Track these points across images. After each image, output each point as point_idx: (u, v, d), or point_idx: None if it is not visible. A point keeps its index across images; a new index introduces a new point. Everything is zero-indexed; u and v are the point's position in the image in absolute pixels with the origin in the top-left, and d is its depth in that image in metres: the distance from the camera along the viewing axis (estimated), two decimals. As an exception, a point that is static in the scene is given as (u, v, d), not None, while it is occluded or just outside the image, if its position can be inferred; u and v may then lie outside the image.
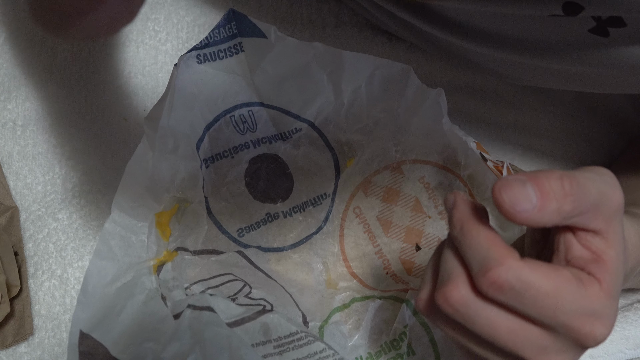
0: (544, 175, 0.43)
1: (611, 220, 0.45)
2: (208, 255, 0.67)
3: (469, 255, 0.44)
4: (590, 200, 0.44)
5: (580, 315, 0.44)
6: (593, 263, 0.45)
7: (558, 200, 0.43)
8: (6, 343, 0.68)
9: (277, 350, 0.58)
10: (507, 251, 0.43)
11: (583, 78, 0.58)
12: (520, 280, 0.42)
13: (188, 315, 0.58)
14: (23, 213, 0.72)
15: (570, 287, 0.43)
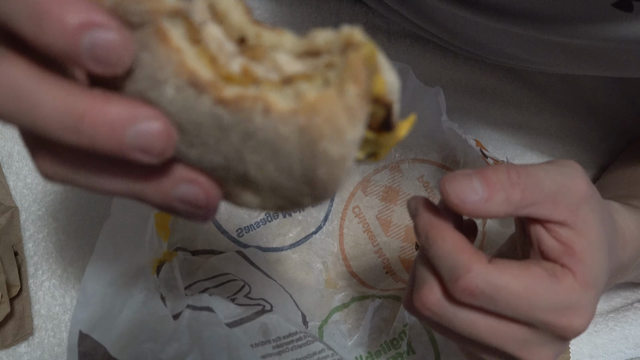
0: (491, 168, 0.44)
1: (577, 210, 0.46)
2: (207, 255, 0.67)
3: (437, 264, 0.44)
4: (544, 190, 0.45)
5: (555, 310, 0.44)
6: (565, 255, 0.45)
7: (506, 190, 0.43)
8: (6, 343, 0.68)
9: (276, 351, 0.58)
10: (473, 256, 0.43)
11: (601, 56, 0.57)
12: (489, 284, 0.43)
13: (187, 316, 0.58)
14: (23, 213, 0.72)
15: (542, 284, 0.44)
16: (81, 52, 0.28)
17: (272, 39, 0.29)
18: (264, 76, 0.28)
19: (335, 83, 0.27)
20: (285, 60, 0.29)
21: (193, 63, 0.28)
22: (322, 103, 0.27)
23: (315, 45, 0.29)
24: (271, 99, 0.27)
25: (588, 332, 0.69)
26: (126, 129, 0.29)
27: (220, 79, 0.28)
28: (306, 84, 0.28)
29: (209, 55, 0.28)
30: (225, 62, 0.28)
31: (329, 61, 0.28)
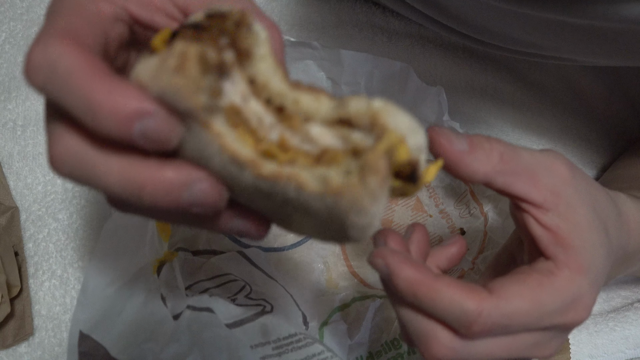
0: (473, 134, 0.45)
1: (559, 192, 0.46)
2: (208, 256, 0.67)
3: (440, 316, 0.44)
4: (522, 162, 0.45)
5: (561, 310, 0.45)
6: (555, 245, 0.46)
7: (485, 151, 0.44)
8: (6, 343, 0.68)
9: (275, 352, 0.58)
10: (477, 297, 0.43)
11: (615, 39, 0.56)
12: (502, 316, 0.43)
13: (187, 316, 0.58)
14: (23, 213, 0.72)
15: (545, 290, 0.44)
16: (134, 136, 0.32)
17: (308, 104, 0.34)
18: (298, 147, 0.33)
19: (359, 172, 0.31)
20: (318, 133, 0.33)
21: (233, 145, 0.32)
22: (347, 190, 0.31)
23: (348, 114, 0.33)
24: (302, 179, 0.32)
25: (588, 332, 0.69)
26: (181, 191, 0.33)
27: (259, 155, 0.33)
28: (333, 169, 0.32)
29: (249, 130, 0.33)
30: (264, 134, 0.33)
31: (356, 145, 0.32)
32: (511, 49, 0.69)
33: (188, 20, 0.34)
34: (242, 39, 0.33)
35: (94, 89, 0.32)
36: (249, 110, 0.33)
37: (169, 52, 0.32)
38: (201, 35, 0.32)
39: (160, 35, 0.35)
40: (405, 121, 0.33)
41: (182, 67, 0.31)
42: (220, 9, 0.33)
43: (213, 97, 0.32)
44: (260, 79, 0.34)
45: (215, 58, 0.32)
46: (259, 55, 0.34)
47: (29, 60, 0.33)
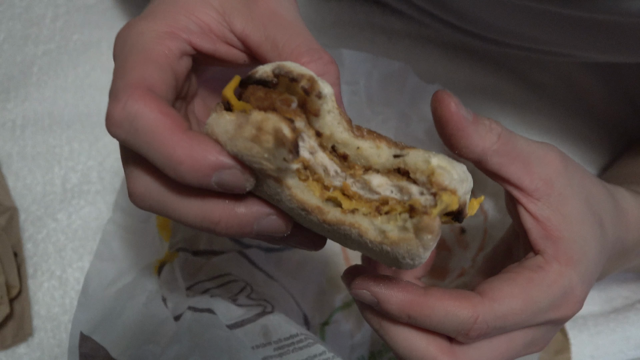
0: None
1: (551, 183, 0.46)
2: (209, 256, 0.67)
3: (436, 329, 0.45)
4: (517, 146, 0.46)
5: (554, 305, 0.46)
6: (545, 239, 0.46)
7: (486, 127, 0.45)
8: (5, 344, 0.68)
9: (277, 353, 0.57)
10: (470, 303, 0.44)
11: (617, 32, 0.56)
12: (497, 318, 0.44)
13: (188, 317, 0.58)
14: (22, 213, 0.72)
15: (535, 287, 0.45)
16: (211, 185, 0.37)
17: (369, 152, 0.38)
18: (360, 194, 0.38)
19: (415, 229, 0.36)
20: (377, 183, 0.38)
21: (301, 195, 0.37)
22: (403, 242, 0.36)
23: (406, 167, 0.37)
24: (363, 228, 0.37)
25: (589, 333, 0.69)
26: (252, 224, 0.39)
27: (324, 202, 0.38)
28: (391, 223, 0.37)
29: (316, 178, 0.38)
30: (329, 182, 0.38)
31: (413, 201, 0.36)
32: (510, 44, 0.69)
33: (257, 73, 0.38)
34: (311, 103, 0.37)
35: (174, 146, 0.36)
36: (316, 162, 0.38)
37: (245, 118, 0.35)
38: (271, 96, 0.37)
39: (230, 84, 0.38)
40: (458, 172, 0.37)
41: (258, 139, 0.35)
42: (289, 72, 0.37)
43: (285, 162, 0.35)
44: (326, 131, 0.38)
45: (289, 134, 0.35)
46: (326, 110, 0.38)
47: (110, 117, 0.37)
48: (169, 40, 0.41)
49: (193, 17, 0.42)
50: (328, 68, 0.42)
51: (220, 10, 0.43)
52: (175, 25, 0.41)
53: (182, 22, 0.42)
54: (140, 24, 0.41)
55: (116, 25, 0.80)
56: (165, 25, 0.41)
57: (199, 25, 0.42)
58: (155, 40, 0.40)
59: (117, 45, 0.42)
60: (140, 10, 0.80)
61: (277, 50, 0.41)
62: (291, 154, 0.35)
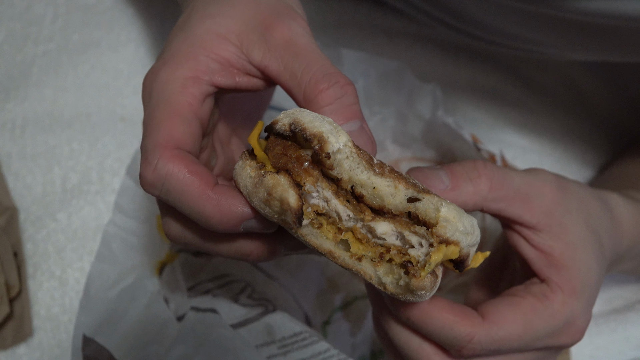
0: (459, 162, 0.47)
1: (551, 213, 0.47)
2: (209, 256, 0.67)
3: (433, 337, 0.46)
4: (514, 186, 0.46)
5: (555, 333, 0.46)
6: (548, 267, 0.47)
7: (473, 180, 0.46)
8: (5, 344, 0.67)
9: (281, 351, 0.58)
10: (469, 323, 0.45)
11: (610, 35, 0.57)
12: (493, 341, 0.45)
13: (191, 318, 0.58)
14: (22, 214, 0.72)
15: (538, 315, 0.46)
16: (240, 231, 0.41)
17: (385, 191, 0.40)
18: (367, 237, 0.41)
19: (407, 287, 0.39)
20: (382, 230, 0.41)
21: (315, 241, 0.41)
22: (400, 295, 0.40)
23: (417, 211, 0.40)
24: (367, 276, 0.41)
25: (589, 333, 0.69)
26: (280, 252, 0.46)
27: (337, 244, 0.41)
28: (390, 277, 0.40)
29: (331, 221, 0.41)
30: (342, 225, 0.41)
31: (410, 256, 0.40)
32: (510, 45, 0.69)
33: (276, 125, 0.41)
34: (323, 160, 0.40)
35: (204, 203, 0.40)
36: (330, 208, 0.41)
37: (261, 179, 0.40)
38: (288, 153, 0.41)
39: (254, 132, 0.43)
40: (465, 225, 0.39)
41: (268, 203, 0.39)
42: (303, 130, 0.40)
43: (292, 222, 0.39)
44: (344, 176, 0.41)
45: (294, 204, 0.39)
46: (341, 159, 0.40)
47: (143, 178, 0.41)
48: (192, 86, 0.43)
49: (213, 55, 0.44)
50: (345, 90, 0.43)
51: (238, 45, 0.45)
52: (198, 68, 0.44)
53: (204, 62, 0.44)
54: (163, 71, 0.44)
55: (116, 25, 0.80)
56: (187, 70, 0.43)
57: (219, 62, 0.44)
58: (180, 90, 0.43)
59: (144, 93, 0.45)
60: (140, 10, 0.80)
61: (296, 79, 0.44)
62: (294, 224, 0.39)
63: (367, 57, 0.73)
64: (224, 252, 0.44)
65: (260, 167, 0.41)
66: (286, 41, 0.44)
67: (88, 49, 0.79)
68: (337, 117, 0.42)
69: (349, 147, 0.40)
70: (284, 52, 0.44)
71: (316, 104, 0.43)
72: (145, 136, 0.42)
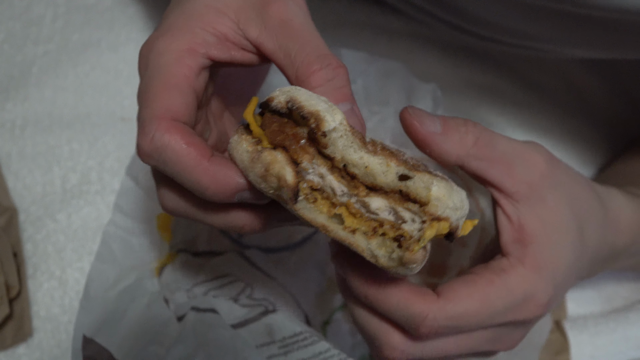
0: (452, 117, 0.47)
1: (534, 185, 0.47)
2: (209, 257, 0.67)
3: (390, 317, 0.46)
4: (498, 149, 0.47)
5: (514, 307, 0.46)
6: (514, 242, 0.47)
7: (460, 133, 0.46)
8: (5, 344, 0.67)
9: (281, 351, 0.58)
10: (423, 301, 0.45)
11: (613, 29, 0.57)
12: (449, 317, 0.45)
13: (191, 318, 0.58)
14: (22, 214, 0.72)
15: (495, 290, 0.46)
16: (234, 201, 0.42)
17: (377, 170, 0.41)
18: (361, 212, 0.41)
19: (400, 260, 0.40)
20: (376, 205, 0.41)
21: (308, 215, 0.41)
22: (391, 268, 0.40)
23: (407, 190, 0.41)
24: (360, 248, 0.41)
25: (589, 333, 0.69)
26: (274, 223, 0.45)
27: (330, 218, 0.41)
28: (383, 249, 0.41)
29: (323, 197, 0.41)
30: (335, 200, 0.41)
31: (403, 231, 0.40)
32: (508, 42, 0.69)
33: (272, 101, 0.42)
34: (319, 139, 0.41)
35: (200, 174, 0.41)
36: (325, 184, 0.42)
37: (258, 154, 0.41)
38: (284, 130, 0.41)
39: (249, 107, 0.44)
40: (454, 201, 0.40)
41: (265, 178, 0.40)
42: (300, 108, 0.41)
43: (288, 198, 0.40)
44: (337, 155, 0.41)
45: (291, 181, 0.40)
46: (336, 137, 0.41)
47: (140, 149, 0.42)
48: (188, 58, 0.43)
49: (210, 29, 0.45)
50: (337, 72, 0.44)
51: (235, 20, 0.45)
52: (194, 41, 0.44)
53: (200, 35, 0.44)
54: (160, 42, 0.44)
55: (116, 25, 0.80)
56: (184, 42, 0.44)
57: (215, 35, 0.45)
58: (176, 62, 0.43)
59: (140, 64, 0.46)
60: (140, 10, 0.80)
61: (290, 59, 0.44)
62: (290, 200, 0.40)
63: (367, 56, 0.73)
64: (218, 223, 0.44)
65: (256, 143, 0.42)
66: (282, 20, 0.44)
67: (88, 49, 0.79)
68: (328, 99, 0.42)
69: (344, 126, 0.41)
70: (279, 31, 0.44)
71: (308, 85, 0.43)
72: (142, 107, 0.43)
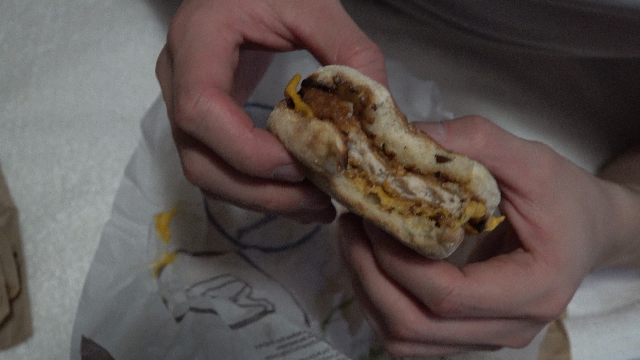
0: (458, 118, 0.47)
1: (546, 184, 0.47)
2: (208, 257, 0.67)
3: (413, 288, 0.45)
4: (511, 148, 0.46)
5: (533, 301, 0.46)
6: (534, 238, 0.47)
7: (469, 135, 0.45)
8: (5, 344, 0.67)
9: (280, 351, 0.58)
10: (450, 275, 0.44)
11: (614, 28, 0.57)
12: (472, 297, 0.44)
13: (190, 318, 0.58)
14: (22, 214, 0.72)
15: (518, 280, 0.45)
16: (269, 176, 0.42)
17: (415, 152, 0.41)
18: (397, 191, 0.42)
19: (438, 238, 0.40)
20: (414, 185, 0.42)
21: (345, 192, 0.42)
22: (427, 247, 0.41)
23: (447, 172, 0.41)
24: (395, 228, 0.41)
25: (589, 333, 0.69)
26: (300, 202, 0.45)
27: (366, 197, 0.42)
28: (420, 228, 0.41)
29: (361, 175, 0.42)
30: (373, 179, 0.42)
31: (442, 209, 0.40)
32: (508, 40, 0.69)
33: (318, 77, 0.42)
34: (367, 113, 0.41)
35: (243, 143, 0.41)
36: (364, 161, 0.42)
37: (304, 124, 0.40)
38: (330, 104, 0.41)
39: (292, 83, 0.43)
40: (492, 186, 0.41)
41: (313, 146, 0.40)
42: (348, 82, 0.41)
43: (334, 170, 0.40)
44: (379, 133, 0.42)
45: (341, 149, 0.39)
46: (381, 114, 0.41)
47: (182, 112, 0.41)
48: (226, 32, 0.44)
49: (246, 9, 0.45)
50: (377, 56, 0.44)
51: (271, 2, 0.45)
52: (231, 16, 0.44)
53: (236, 13, 0.44)
54: (198, 12, 0.44)
55: (116, 25, 0.80)
56: (222, 16, 0.44)
57: (251, 16, 0.45)
58: (216, 33, 0.43)
59: (175, 34, 0.44)
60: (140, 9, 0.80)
61: (330, 41, 0.44)
62: (339, 166, 0.39)
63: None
64: (244, 196, 0.44)
65: (301, 115, 0.41)
66: (321, 5, 0.45)
67: (88, 49, 0.79)
68: None
69: (390, 103, 0.41)
70: (318, 14, 0.45)
71: (350, 65, 0.43)
72: (184, 73, 0.42)
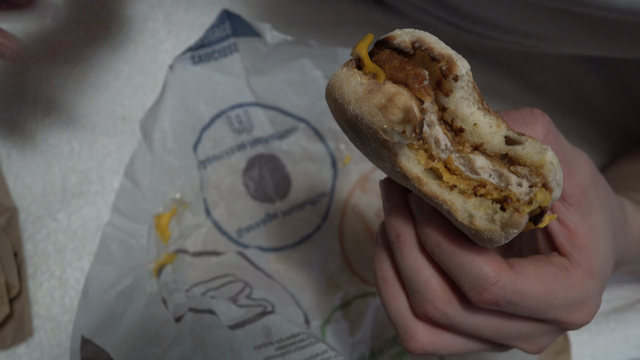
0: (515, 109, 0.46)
1: (586, 191, 0.46)
2: (208, 257, 0.67)
3: (455, 273, 0.44)
4: (563, 146, 0.46)
5: (568, 306, 0.45)
6: (570, 244, 0.46)
7: (528, 125, 0.45)
8: (5, 344, 0.68)
9: (279, 352, 0.58)
10: (498, 266, 0.43)
11: (616, 30, 0.57)
12: (515, 292, 0.43)
13: (189, 319, 0.58)
14: (22, 213, 0.72)
15: (558, 283, 0.45)
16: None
17: (485, 130, 0.39)
18: (461, 169, 0.39)
19: (502, 223, 0.38)
20: (480, 165, 0.39)
21: (405, 163, 0.39)
22: (487, 232, 0.38)
23: (516, 155, 0.38)
24: (455, 207, 0.39)
25: (589, 332, 0.69)
26: None
27: (425, 171, 0.39)
28: (482, 210, 0.38)
29: (426, 147, 0.39)
30: (437, 153, 0.39)
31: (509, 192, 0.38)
32: (506, 40, 0.69)
33: (395, 39, 0.38)
34: (446, 84, 0.38)
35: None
36: (431, 134, 0.39)
37: (377, 85, 0.36)
38: (405, 68, 0.37)
39: (364, 42, 0.39)
40: (560, 176, 0.38)
41: (385, 109, 0.36)
42: (429, 49, 0.38)
43: (403, 138, 0.36)
44: (451, 106, 0.39)
45: (418, 115, 0.36)
46: (459, 87, 0.38)
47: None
48: None
49: None
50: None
51: None
52: None
53: None
54: None
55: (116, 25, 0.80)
56: None
57: None
58: None
59: None
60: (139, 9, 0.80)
61: None
62: (414, 134, 0.36)
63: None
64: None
65: (372, 77, 0.38)
66: None
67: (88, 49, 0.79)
68: None
69: (469, 76, 0.39)
70: None
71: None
72: None
